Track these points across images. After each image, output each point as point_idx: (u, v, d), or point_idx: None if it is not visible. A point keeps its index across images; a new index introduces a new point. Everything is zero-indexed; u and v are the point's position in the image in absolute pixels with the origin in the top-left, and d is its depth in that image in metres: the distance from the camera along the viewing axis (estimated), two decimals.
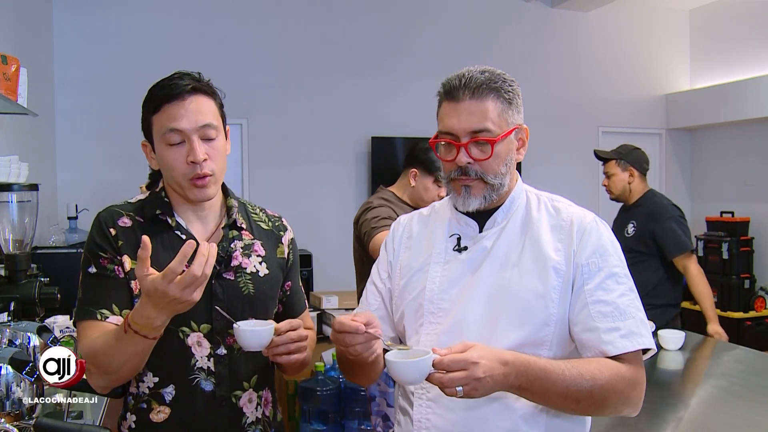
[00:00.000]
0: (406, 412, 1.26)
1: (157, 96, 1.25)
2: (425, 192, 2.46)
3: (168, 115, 1.24)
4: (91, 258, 1.27)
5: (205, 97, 1.28)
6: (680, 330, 2.78)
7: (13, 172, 2.16)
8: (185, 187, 1.27)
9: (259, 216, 1.45)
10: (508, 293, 1.19)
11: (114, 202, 1.38)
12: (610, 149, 3.40)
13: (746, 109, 5.68)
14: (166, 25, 5.04)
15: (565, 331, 1.18)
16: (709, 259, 5.95)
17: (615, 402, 1.12)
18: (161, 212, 1.31)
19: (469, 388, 1.01)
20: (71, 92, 4.77)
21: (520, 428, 1.17)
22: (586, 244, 1.19)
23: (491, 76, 1.20)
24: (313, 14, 5.40)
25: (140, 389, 1.28)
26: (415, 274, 1.29)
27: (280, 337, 1.20)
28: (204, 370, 1.27)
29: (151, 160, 1.34)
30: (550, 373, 1.07)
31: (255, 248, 1.38)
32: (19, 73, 2.24)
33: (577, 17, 6.22)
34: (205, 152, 1.25)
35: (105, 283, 1.25)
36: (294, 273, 1.47)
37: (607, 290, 1.16)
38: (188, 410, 1.27)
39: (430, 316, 1.24)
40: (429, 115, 3.18)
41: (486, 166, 1.20)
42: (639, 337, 1.14)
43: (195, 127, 1.24)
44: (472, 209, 1.24)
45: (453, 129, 1.20)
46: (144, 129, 1.31)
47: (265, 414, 1.37)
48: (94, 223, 1.31)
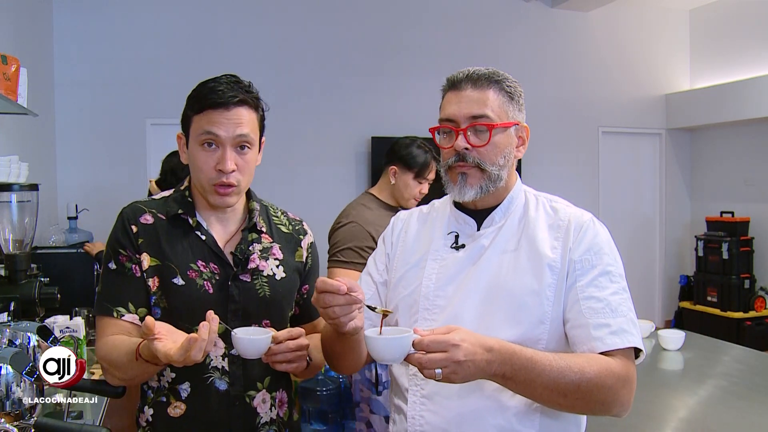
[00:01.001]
0: (400, 409, 1.27)
1: (203, 99, 1.27)
2: (405, 189, 2.43)
3: (208, 119, 1.26)
4: (111, 253, 1.30)
5: (249, 110, 1.30)
6: (680, 330, 2.79)
7: (13, 172, 2.16)
8: (208, 190, 1.30)
9: (280, 219, 1.46)
10: (503, 291, 1.19)
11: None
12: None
13: (746, 109, 5.68)
14: (166, 25, 5.04)
15: (561, 330, 1.18)
16: (709, 259, 5.96)
17: (603, 398, 1.10)
18: (183, 212, 1.33)
19: (449, 371, 1.00)
20: (71, 92, 4.77)
21: (514, 426, 1.16)
22: (582, 241, 1.20)
23: (494, 71, 1.24)
24: (314, 15, 5.40)
25: (161, 383, 1.31)
26: (410, 269, 1.30)
27: (278, 346, 1.21)
28: (218, 370, 1.29)
29: (182, 153, 1.36)
30: (537, 363, 1.05)
31: (273, 251, 1.39)
32: (19, 73, 2.24)
33: (577, 17, 6.22)
34: (235, 163, 1.28)
35: (122, 281, 1.27)
36: (312, 277, 1.47)
37: (599, 287, 1.16)
38: (202, 408, 1.29)
39: (425, 312, 1.24)
40: (429, 115, 3.18)
41: (483, 153, 1.21)
42: (629, 335, 1.13)
43: (231, 137, 1.27)
44: (468, 199, 1.24)
45: (453, 115, 1.22)
46: (183, 122, 1.33)
47: (280, 415, 1.38)
48: (118, 218, 1.33)
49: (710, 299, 5.95)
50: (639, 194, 6.68)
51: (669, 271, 6.64)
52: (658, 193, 6.68)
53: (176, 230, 1.31)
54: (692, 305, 6.18)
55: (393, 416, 1.31)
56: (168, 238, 1.30)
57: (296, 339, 1.23)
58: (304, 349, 1.24)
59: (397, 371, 1.29)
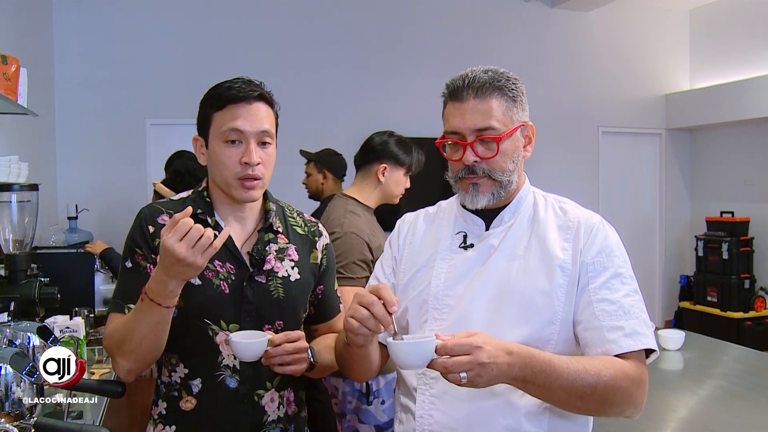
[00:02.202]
0: (408, 409, 1.27)
1: (224, 95, 1.29)
2: (397, 186, 2.31)
3: (231, 115, 1.28)
4: (128, 253, 1.32)
5: (267, 106, 1.33)
6: (680, 330, 2.79)
7: (13, 172, 2.16)
8: (233, 185, 1.31)
9: (296, 220, 1.47)
10: (514, 291, 1.19)
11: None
12: (314, 151, 3.61)
13: (746, 109, 5.68)
14: (166, 24, 5.04)
15: (570, 331, 1.19)
16: (709, 259, 5.96)
17: (619, 401, 1.12)
18: (202, 212, 1.34)
19: (473, 374, 1.00)
20: (71, 92, 4.78)
21: (523, 426, 1.16)
22: (593, 243, 1.20)
23: (494, 75, 1.21)
24: (313, 15, 5.41)
25: (172, 378, 1.33)
26: (420, 270, 1.30)
27: (275, 349, 1.22)
28: (230, 368, 1.31)
29: (200, 155, 1.37)
30: (555, 366, 1.06)
31: (289, 252, 1.40)
32: (19, 73, 2.24)
33: (577, 17, 6.22)
34: (259, 156, 1.30)
35: (137, 279, 1.28)
36: (328, 278, 1.48)
37: (611, 289, 1.17)
38: (212, 404, 1.31)
39: (435, 312, 1.24)
40: (429, 115, 3.16)
41: (493, 163, 1.21)
42: (643, 337, 1.14)
43: (255, 131, 1.29)
44: (480, 206, 1.24)
45: (458, 128, 1.20)
46: (200, 124, 1.35)
47: (288, 413, 1.39)
48: (136, 218, 1.35)
49: (710, 299, 5.95)
50: (639, 194, 6.68)
51: (669, 271, 6.64)
52: (658, 193, 6.69)
53: None
54: (692, 305, 6.18)
55: (399, 416, 1.31)
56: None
57: (294, 342, 1.24)
58: (303, 351, 1.25)
59: (405, 370, 1.28)
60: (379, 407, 2.18)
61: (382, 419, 2.17)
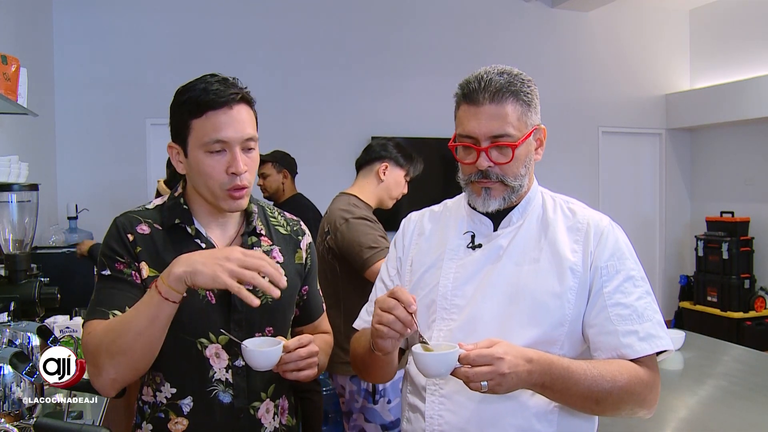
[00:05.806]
0: (417, 408, 1.26)
1: (202, 101, 1.20)
2: (396, 186, 2.37)
3: (213, 123, 1.20)
4: (106, 261, 1.23)
5: (247, 107, 1.25)
6: (680, 330, 2.79)
7: (13, 172, 2.16)
8: (220, 196, 1.24)
9: (278, 220, 1.42)
10: (524, 292, 1.19)
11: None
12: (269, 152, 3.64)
13: (746, 109, 5.68)
14: (166, 25, 5.04)
15: (577, 332, 1.19)
16: (709, 259, 5.96)
17: (632, 404, 1.14)
18: (180, 221, 1.27)
19: (494, 383, 1.02)
20: (71, 92, 4.77)
21: (533, 425, 1.17)
22: (605, 247, 1.20)
23: (510, 78, 1.19)
24: (313, 14, 5.40)
25: (157, 399, 1.25)
26: (428, 270, 1.29)
27: (289, 355, 1.18)
28: (222, 382, 1.25)
29: (178, 164, 1.29)
30: (573, 372, 1.09)
31: (273, 255, 1.35)
32: (19, 73, 2.24)
33: (577, 17, 6.22)
34: (245, 164, 1.23)
35: (120, 286, 1.20)
36: (312, 277, 1.44)
37: (625, 293, 1.17)
38: (206, 422, 1.24)
39: (443, 312, 1.23)
40: (429, 115, 3.16)
41: (506, 169, 1.20)
42: (657, 339, 1.15)
43: (240, 138, 1.21)
44: (492, 210, 1.24)
45: (473, 133, 1.19)
46: (176, 131, 1.26)
47: (282, 422, 1.36)
48: (111, 228, 1.27)
49: (710, 299, 5.95)
50: (639, 194, 6.68)
51: (669, 271, 6.64)
52: (658, 193, 6.68)
53: (174, 239, 1.26)
54: (692, 305, 6.18)
55: (407, 415, 1.30)
56: (166, 249, 1.24)
57: (306, 346, 1.20)
58: (315, 355, 1.21)
59: (414, 369, 1.27)
60: (386, 406, 2.18)
61: (388, 419, 2.18)
